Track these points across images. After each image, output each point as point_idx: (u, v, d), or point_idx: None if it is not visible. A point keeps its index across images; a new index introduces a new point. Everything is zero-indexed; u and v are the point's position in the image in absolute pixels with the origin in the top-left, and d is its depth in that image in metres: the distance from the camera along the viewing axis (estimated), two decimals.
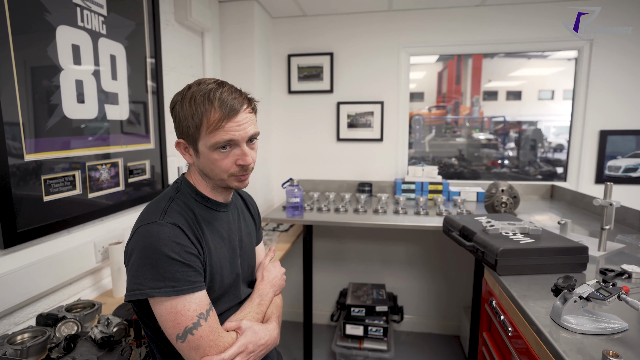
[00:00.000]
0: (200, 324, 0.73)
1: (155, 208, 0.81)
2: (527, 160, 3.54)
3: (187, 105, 0.79)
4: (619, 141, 2.37)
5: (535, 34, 2.38)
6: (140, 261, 0.73)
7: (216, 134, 0.78)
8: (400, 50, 2.53)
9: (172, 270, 0.73)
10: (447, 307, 2.67)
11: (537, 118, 3.63)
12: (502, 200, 1.85)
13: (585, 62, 2.37)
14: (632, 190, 2.36)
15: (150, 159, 1.69)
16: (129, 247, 0.78)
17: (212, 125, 0.78)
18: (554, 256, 1.20)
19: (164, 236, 0.74)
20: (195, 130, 0.79)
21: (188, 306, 0.73)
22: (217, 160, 0.81)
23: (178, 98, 0.83)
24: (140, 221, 0.79)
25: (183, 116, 0.80)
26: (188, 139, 0.82)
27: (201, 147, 0.81)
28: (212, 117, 0.78)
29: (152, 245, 0.73)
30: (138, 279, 0.73)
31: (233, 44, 2.34)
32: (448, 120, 3.84)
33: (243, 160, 0.82)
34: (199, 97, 0.79)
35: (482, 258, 1.27)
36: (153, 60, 1.69)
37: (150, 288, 0.72)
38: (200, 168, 0.85)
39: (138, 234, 0.76)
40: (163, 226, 0.76)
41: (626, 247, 1.46)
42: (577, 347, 0.82)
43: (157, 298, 0.73)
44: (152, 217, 0.78)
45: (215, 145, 0.79)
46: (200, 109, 0.78)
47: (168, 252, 0.73)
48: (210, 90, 0.79)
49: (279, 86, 2.70)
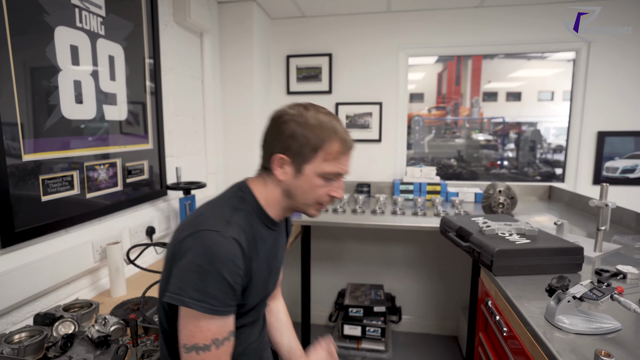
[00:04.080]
0: (210, 350, 0.72)
1: (218, 214, 0.79)
2: (526, 161, 3.54)
3: (310, 127, 0.80)
4: (616, 142, 2.38)
5: (534, 35, 2.39)
6: (191, 267, 0.71)
7: (330, 164, 0.82)
8: (398, 51, 2.54)
9: (219, 289, 0.71)
10: (445, 307, 2.67)
11: (537, 119, 3.63)
12: (499, 201, 1.86)
13: (583, 63, 2.38)
14: (629, 192, 2.36)
15: (148, 159, 1.70)
16: (184, 245, 0.74)
17: (330, 154, 0.81)
18: (550, 257, 1.20)
19: (224, 251, 0.73)
20: (310, 152, 0.81)
21: (209, 326, 0.72)
22: (317, 187, 0.83)
23: (292, 117, 0.82)
24: (201, 224, 0.76)
25: (301, 135, 0.80)
26: (295, 157, 0.82)
27: (307, 170, 0.82)
28: (333, 147, 0.81)
29: (210, 257, 0.71)
30: (182, 284, 0.71)
31: (232, 44, 2.35)
32: (448, 121, 3.85)
33: (337, 193, 0.86)
34: (325, 124, 0.81)
35: (478, 258, 1.28)
36: (152, 61, 1.70)
37: (190, 298, 0.70)
38: (291, 188, 0.84)
39: (198, 238, 0.73)
40: (226, 239, 0.74)
41: (622, 248, 1.46)
42: (571, 347, 0.83)
43: (184, 307, 0.72)
44: (216, 224, 0.75)
45: (324, 174, 0.82)
46: (324, 135, 0.80)
47: (222, 270, 0.72)
48: (334, 120, 0.83)
49: (278, 87, 2.71)
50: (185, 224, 0.80)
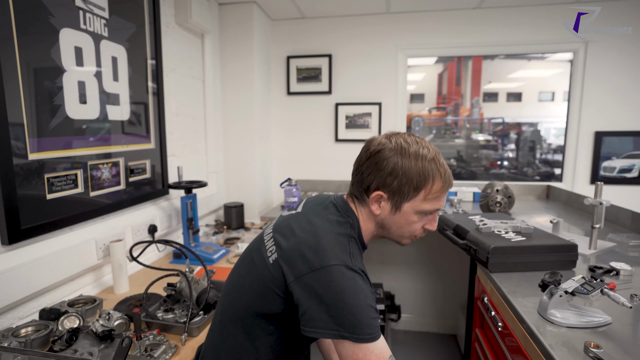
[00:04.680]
0: None
1: (339, 245, 0.78)
2: (525, 161, 3.56)
3: (412, 166, 0.79)
4: (614, 142, 2.40)
5: (532, 36, 2.41)
6: (339, 305, 0.71)
7: (431, 202, 0.82)
8: (397, 52, 2.56)
9: (370, 317, 0.73)
10: (444, 306, 2.69)
11: (537, 119, 3.65)
12: (496, 200, 1.88)
13: (580, 64, 2.40)
14: (626, 191, 2.38)
15: (150, 159, 1.72)
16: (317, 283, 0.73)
17: (433, 194, 0.81)
18: (545, 254, 1.22)
19: (360, 284, 0.74)
20: (411, 192, 0.80)
21: (368, 356, 0.71)
22: (414, 222, 0.84)
23: (391, 153, 0.80)
24: (326, 259, 0.75)
25: (402, 173, 0.79)
26: (394, 195, 0.81)
27: (406, 208, 0.82)
28: (435, 187, 0.80)
29: (352, 293, 0.72)
30: (335, 320, 0.71)
31: (233, 45, 2.38)
32: (448, 122, 3.87)
33: (432, 226, 0.87)
34: (426, 162, 0.79)
35: (475, 256, 1.30)
36: (154, 61, 1.73)
37: (349, 333, 0.71)
38: (386, 222, 0.85)
39: (331, 275, 0.73)
40: (357, 273, 0.75)
41: (617, 246, 1.48)
42: (562, 340, 0.85)
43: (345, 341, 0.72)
44: (342, 257, 0.76)
45: (424, 212, 0.82)
46: (427, 175, 0.79)
47: (366, 299, 0.73)
48: (436, 156, 0.81)
49: (278, 87, 2.73)
50: (302, 251, 0.77)
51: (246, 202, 2.40)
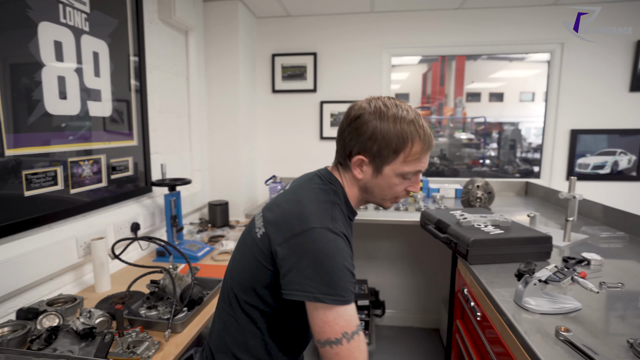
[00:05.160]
0: (342, 343, 0.72)
1: (322, 210, 0.79)
2: (506, 159, 3.66)
3: (391, 128, 0.79)
4: (588, 140, 2.49)
5: (511, 36, 2.48)
6: (315, 265, 0.73)
7: (411, 164, 0.82)
8: (382, 51, 2.60)
9: (345, 280, 0.74)
10: (428, 301, 2.74)
11: (518, 119, 3.74)
12: (477, 196, 1.93)
13: (557, 64, 2.48)
14: (599, 186, 2.48)
15: (133, 156, 1.70)
16: (299, 244, 0.75)
17: (413, 155, 0.80)
18: (521, 246, 1.27)
19: (340, 246, 0.76)
20: (391, 154, 0.80)
21: (337, 320, 0.73)
22: (395, 185, 0.84)
23: (370, 117, 0.81)
24: (309, 222, 0.76)
25: (381, 136, 0.79)
26: (375, 158, 0.82)
27: (387, 170, 0.82)
28: (415, 148, 0.80)
29: (330, 253, 0.74)
30: (310, 282, 0.73)
31: (217, 43, 2.37)
32: (432, 121, 3.93)
33: (415, 188, 0.87)
34: (405, 124, 0.79)
35: (455, 249, 1.34)
36: (136, 58, 1.71)
37: (322, 294, 0.72)
38: (369, 186, 0.86)
39: (312, 237, 0.75)
40: (338, 236, 0.77)
41: (589, 238, 1.55)
42: (537, 326, 0.89)
43: (314, 303, 0.73)
44: (323, 220, 0.77)
45: (405, 174, 0.82)
46: (406, 136, 0.79)
47: (344, 262, 0.74)
48: (415, 118, 0.81)
49: (263, 85, 2.73)
50: (286, 220, 0.79)
51: (231, 199, 2.40)
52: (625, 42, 2.37)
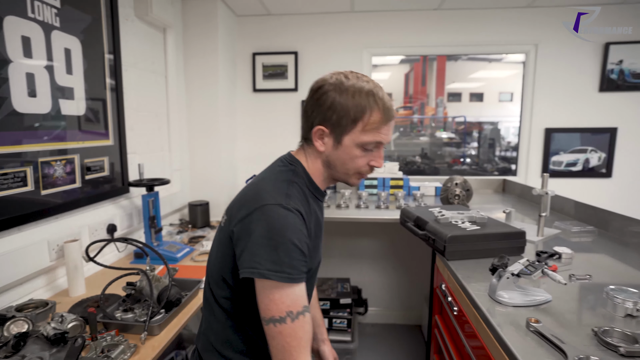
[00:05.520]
0: (285, 322, 0.72)
1: (277, 189, 0.80)
2: (486, 158, 3.74)
3: (349, 98, 0.79)
4: (562, 138, 2.57)
5: (487, 37, 2.54)
6: (263, 241, 0.73)
7: (370, 134, 0.81)
8: (362, 51, 2.62)
9: (292, 257, 0.73)
10: (410, 298, 2.78)
11: (498, 119, 3.83)
12: (455, 193, 1.97)
13: (531, 65, 2.56)
14: (572, 183, 2.57)
15: (109, 156, 1.66)
16: (250, 222, 0.76)
17: (371, 124, 0.80)
18: (496, 241, 1.30)
19: (291, 221, 0.75)
20: (349, 123, 0.80)
21: (282, 299, 0.72)
22: (357, 157, 0.83)
23: (330, 88, 0.81)
24: (262, 200, 0.77)
25: (340, 106, 0.79)
26: (334, 128, 0.81)
27: (346, 141, 0.82)
28: (373, 118, 0.80)
29: (279, 228, 0.73)
30: (257, 258, 0.73)
31: (196, 40, 2.33)
32: (414, 120, 3.99)
33: (377, 163, 0.86)
34: (363, 94, 0.79)
35: (433, 245, 1.36)
36: (112, 56, 1.67)
37: (267, 270, 0.72)
38: (331, 159, 0.85)
39: (263, 213, 0.75)
40: (290, 211, 0.76)
41: (561, 233, 1.60)
42: (510, 319, 0.91)
43: (261, 280, 0.73)
44: (277, 198, 0.77)
45: (364, 144, 0.82)
46: (364, 105, 0.79)
47: (293, 238, 0.74)
48: (375, 88, 0.81)
49: (243, 84, 2.71)
50: (243, 202, 0.80)
51: (212, 200, 2.37)
52: (595, 45, 2.46)
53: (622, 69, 2.43)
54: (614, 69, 2.44)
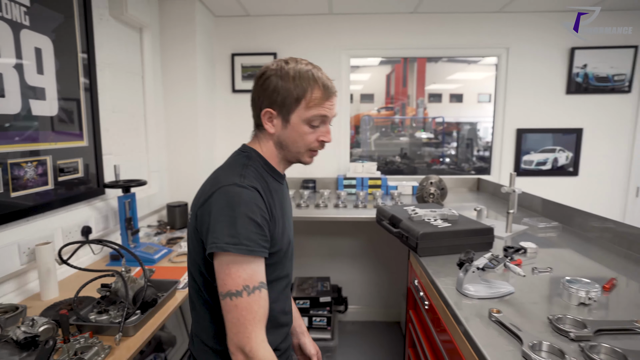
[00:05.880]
0: (241, 295, 0.75)
1: (232, 172, 0.84)
2: (464, 157, 3.85)
3: (290, 79, 0.85)
4: (533, 138, 2.68)
5: (462, 40, 2.62)
6: (219, 217, 0.76)
7: (314, 109, 0.86)
8: (341, 52, 2.65)
9: (248, 229, 0.76)
10: (389, 295, 2.83)
11: (476, 119, 3.94)
12: (430, 192, 2.03)
13: (503, 67, 2.65)
14: (542, 181, 2.68)
15: (83, 157, 1.64)
16: (208, 205, 0.80)
17: (313, 100, 0.86)
18: (466, 237, 1.35)
19: (245, 196, 0.79)
20: (294, 102, 0.85)
21: (239, 273, 0.75)
22: (305, 133, 0.88)
23: (272, 72, 0.86)
24: (218, 183, 0.81)
25: (283, 87, 0.85)
26: (281, 109, 0.87)
27: (294, 119, 0.87)
28: (314, 94, 0.86)
29: (233, 203, 0.77)
30: (216, 234, 0.76)
31: (174, 41, 2.32)
32: (395, 121, 4.06)
33: (326, 137, 0.91)
34: (304, 74, 0.85)
35: (407, 242, 1.40)
36: (85, 55, 1.64)
37: (225, 243, 0.75)
38: (282, 139, 0.90)
39: (218, 194, 0.79)
40: (245, 188, 0.80)
41: (529, 229, 1.67)
42: (476, 311, 0.96)
43: (220, 254, 0.76)
44: (232, 179, 0.81)
45: (310, 120, 0.87)
46: (305, 84, 0.85)
47: (247, 212, 0.77)
48: (313, 69, 0.87)
49: (222, 85, 2.71)
50: (202, 192, 0.85)
51: (190, 200, 2.35)
52: (561, 49, 2.58)
53: (587, 72, 2.55)
54: (579, 72, 2.56)
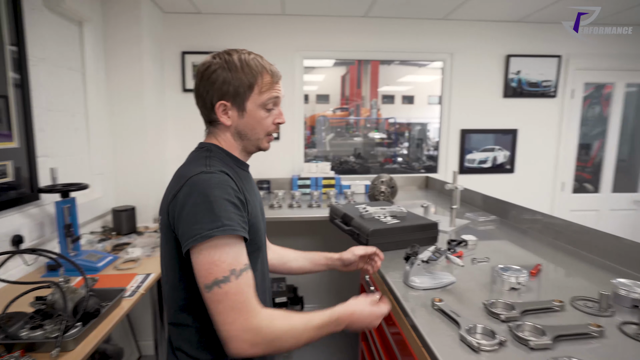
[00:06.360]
0: (230, 280, 0.73)
1: (195, 165, 0.83)
2: (415, 157, 4.03)
3: (239, 69, 0.85)
4: (475, 138, 2.88)
5: (410, 44, 2.75)
6: (195, 207, 0.75)
7: (267, 93, 0.88)
8: (294, 53, 2.67)
9: (228, 210, 0.76)
10: (344, 292, 2.89)
11: (427, 120, 4.14)
12: (380, 190, 2.10)
13: (448, 72, 2.82)
14: (483, 178, 2.89)
15: (14, 160, 1.50)
16: (178, 200, 0.78)
17: (265, 85, 0.88)
18: (413, 232, 1.43)
19: (216, 180, 0.78)
20: (247, 89, 0.86)
21: (224, 258, 0.73)
22: (262, 118, 0.90)
23: (217, 65, 0.86)
24: (184, 177, 0.80)
25: (233, 78, 0.85)
26: (235, 99, 0.87)
27: (249, 106, 0.88)
28: (265, 80, 0.88)
29: (205, 189, 0.76)
30: (197, 225, 0.74)
31: (119, 36, 2.19)
32: (350, 121, 4.15)
33: (280, 119, 0.93)
34: (251, 62, 0.87)
35: (358, 239, 1.45)
36: (15, 48, 1.51)
37: (208, 229, 0.73)
38: (240, 129, 0.90)
39: (187, 186, 0.78)
40: (213, 173, 0.79)
41: (470, 223, 1.80)
42: (421, 302, 1.02)
43: (202, 244, 0.73)
44: (198, 169, 0.80)
45: (265, 104, 0.88)
46: (254, 71, 0.86)
47: (222, 194, 0.76)
48: (258, 57, 0.89)
49: (173, 84, 2.61)
50: (169, 191, 0.84)
51: (139, 204, 2.25)
52: (499, 56, 2.79)
53: (520, 78, 2.79)
54: (514, 78, 2.79)
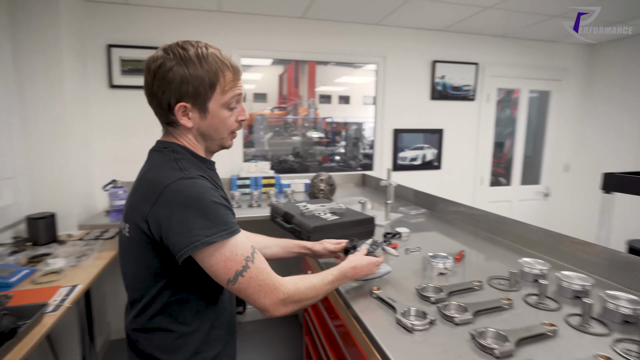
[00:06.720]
0: (249, 267, 0.76)
1: (168, 169, 0.78)
2: (351, 155, 4.19)
3: (197, 65, 0.78)
4: (407, 137, 3.09)
5: (346, 47, 2.86)
6: (187, 215, 0.72)
7: (230, 92, 0.83)
8: (232, 52, 2.62)
9: (221, 214, 0.75)
10: None
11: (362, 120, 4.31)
12: (320, 188, 2.16)
13: (381, 74, 2.99)
14: (414, 174, 3.12)
15: None
16: (162, 208, 0.74)
17: (228, 84, 0.82)
18: (352, 227, 1.50)
19: (200, 186, 0.75)
20: (208, 89, 0.80)
21: (235, 251, 0.75)
22: (226, 118, 0.84)
23: (172, 61, 0.78)
24: (161, 184, 0.75)
25: (192, 76, 0.78)
26: (195, 99, 0.80)
27: (212, 107, 0.82)
28: (227, 77, 0.82)
29: (195, 197, 0.73)
30: (192, 233, 0.72)
31: (30, 24, 1.95)
32: (289, 121, 4.16)
33: (243, 115, 0.88)
34: (209, 57, 0.80)
35: (299, 236, 1.48)
36: None
37: (207, 236, 0.72)
38: (202, 130, 0.84)
39: (171, 194, 0.73)
40: (194, 178, 0.76)
41: (404, 216, 1.93)
42: (360, 292, 1.08)
43: (207, 249, 0.73)
44: (174, 175, 0.76)
45: (228, 103, 0.83)
46: (215, 68, 0.80)
47: (211, 197, 0.75)
48: (217, 51, 0.82)
49: (97, 79, 2.41)
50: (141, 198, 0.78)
51: (60, 211, 2.03)
52: (426, 61, 3.03)
53: (445, 82, 3.06)
54: (439, 82, 3.05)
